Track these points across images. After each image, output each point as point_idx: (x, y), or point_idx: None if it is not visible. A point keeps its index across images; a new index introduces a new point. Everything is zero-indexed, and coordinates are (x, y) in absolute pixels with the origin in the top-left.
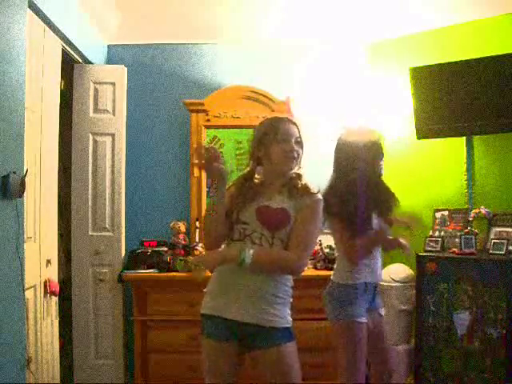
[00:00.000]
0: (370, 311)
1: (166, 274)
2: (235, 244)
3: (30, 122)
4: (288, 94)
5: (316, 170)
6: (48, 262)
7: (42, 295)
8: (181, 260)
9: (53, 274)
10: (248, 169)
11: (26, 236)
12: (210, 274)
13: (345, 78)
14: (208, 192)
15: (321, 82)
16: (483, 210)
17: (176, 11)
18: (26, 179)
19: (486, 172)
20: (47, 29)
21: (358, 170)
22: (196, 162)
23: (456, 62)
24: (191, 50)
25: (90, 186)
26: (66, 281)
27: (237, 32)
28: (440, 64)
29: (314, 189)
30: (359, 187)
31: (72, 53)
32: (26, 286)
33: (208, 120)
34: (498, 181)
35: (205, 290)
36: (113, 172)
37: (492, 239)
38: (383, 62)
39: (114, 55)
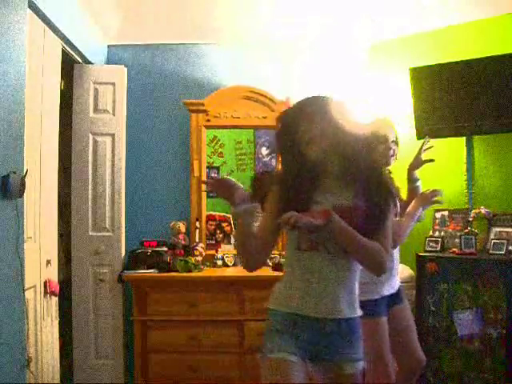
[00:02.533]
0: (319, 362)
1: (166, 274)
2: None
3: (29, 121)
4: (288, 94)
5: None
6: (48, 262)
7: (42, 295)
8: (181, 260)
9: (53, 274)
10: None
11: (25, 236)
12: None
13: (345, 78)
14: (208, 192)
15: (321, 82)
16: (483, 210)
17: (176, 11)
18: (26, 179)
19: (486, 172)
20: (47, 29)
21: None
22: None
23: (456, 62)
24: (191, 50)
25: (89, 186)
26: (66, 281)
27: (237, 32)
28: (440, 64)
29: None
30: None
31: (72, 53)
32: (26, 286)
33: (208, 120)
34: (497, 181)
35: None
36: (113, 172)
37: (492, 239)
38: (383, 62)
39: (114, 55)
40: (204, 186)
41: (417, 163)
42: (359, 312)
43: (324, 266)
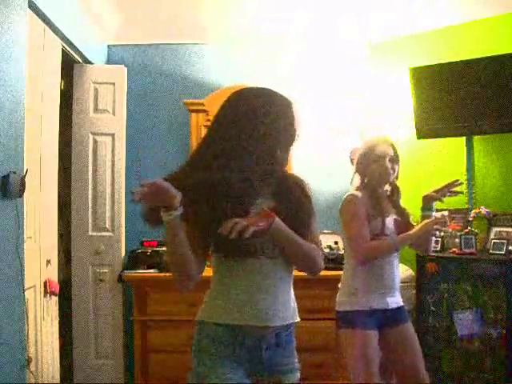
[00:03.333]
0: (257, 378)
1: (165, 274)
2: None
3: (29, 122)
4: (288, 94)
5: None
6: (48, 262)
7: (42, 295)
8: None
9: (53, 274)
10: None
11: (25, 236)
12: None
13: (345, 78)
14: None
15: (322, 82)
16: (483, 210)
17: (176, 11)
18: (26, 179)
19: (486, 172)
20: (47, 29)
21: None
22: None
23: (456, 62)
24: (191, 50)
25: (89, 186)
26: (66, 281)
27: (237, 32)
28: (440, 64)
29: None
30: None
31: (72, 53)
32: (26, 286)
33: (208, 120)
34: (498, 181)
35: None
36: (113, 172)
37: (492, 239)
38: (383, 62)
39: (114, 55)
40: (135, 196)
41: (434, 196)
42: (298, 317)
43: (265, 272)
